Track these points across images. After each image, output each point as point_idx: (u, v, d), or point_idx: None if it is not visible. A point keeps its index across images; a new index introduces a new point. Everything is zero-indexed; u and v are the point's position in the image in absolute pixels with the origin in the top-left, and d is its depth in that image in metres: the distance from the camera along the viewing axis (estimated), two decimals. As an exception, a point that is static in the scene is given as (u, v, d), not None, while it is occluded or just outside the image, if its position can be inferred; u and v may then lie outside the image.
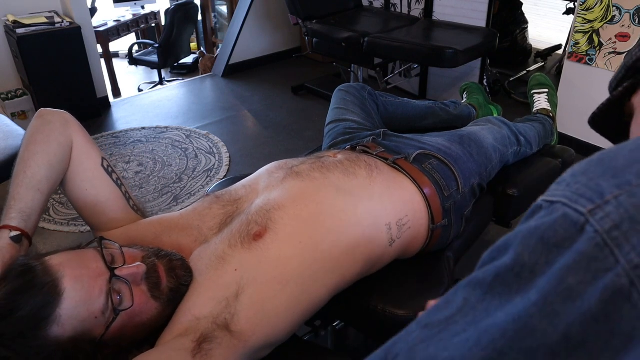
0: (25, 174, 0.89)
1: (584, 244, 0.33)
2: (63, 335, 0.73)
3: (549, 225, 0.36)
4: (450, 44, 2.41)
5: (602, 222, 0.33)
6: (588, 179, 0.36)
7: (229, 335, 0.78)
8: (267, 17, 4.03)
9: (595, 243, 0.32)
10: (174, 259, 0.87)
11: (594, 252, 0.32)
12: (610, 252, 0.32)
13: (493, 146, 1.29)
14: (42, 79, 2.96)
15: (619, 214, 0.33)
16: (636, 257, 0.31)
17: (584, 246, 0.33)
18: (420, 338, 0.39)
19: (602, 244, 0.32)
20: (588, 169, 0.37)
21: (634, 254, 0.31)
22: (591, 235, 0.33)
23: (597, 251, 0.32)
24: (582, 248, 0.33)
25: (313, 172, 1.01)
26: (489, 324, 0.36)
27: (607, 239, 0.32)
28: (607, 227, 0.33)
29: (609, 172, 0.36)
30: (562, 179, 0.38)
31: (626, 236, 0.32)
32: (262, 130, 3.14)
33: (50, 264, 0.76)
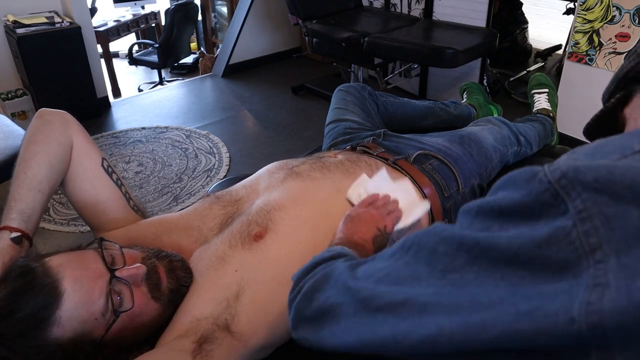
0: (26, 174, 0.89)
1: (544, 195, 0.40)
2: (63, 336, 0.73)
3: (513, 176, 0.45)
4: (450, 44, 2.41)
5: (553, 172, 0.41)
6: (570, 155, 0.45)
7: (229, 336, 0.78)
8: (267, 17, 4.03)
9: (551, 193, 0.40)
10: (174, 260, 0.86)
11: (550, 200, 0.40)
12: (562, 199, 0.39)
13: (493, 146, 1.29)
14: (42, 79, 2.95)
15: (566, 166, 0.40)
16: (580, 203, 0.38)
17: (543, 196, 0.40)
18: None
19: (555, 193, 0.40)
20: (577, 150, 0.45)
21: (579, 201, 0.38)
22: (547, 187, 0.40)
23: (552, 199, 0.40)
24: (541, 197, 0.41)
25: (313, 172, 1.01)
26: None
27: (558, 188, 0.40)
28: (556, 176, 0.40)
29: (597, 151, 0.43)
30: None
31: (572, 185, 0.39)
32: (262, 130, 3.14)
33: (50, 265, 0.76)
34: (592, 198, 0.38)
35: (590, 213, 0.38)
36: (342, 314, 0.53)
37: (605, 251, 0.37)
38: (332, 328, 0.54)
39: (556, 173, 0.40)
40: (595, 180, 0.38)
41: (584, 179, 0.39)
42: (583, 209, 0.38)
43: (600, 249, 0.37)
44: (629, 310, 0.35)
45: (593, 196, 0.38)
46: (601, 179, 0.38)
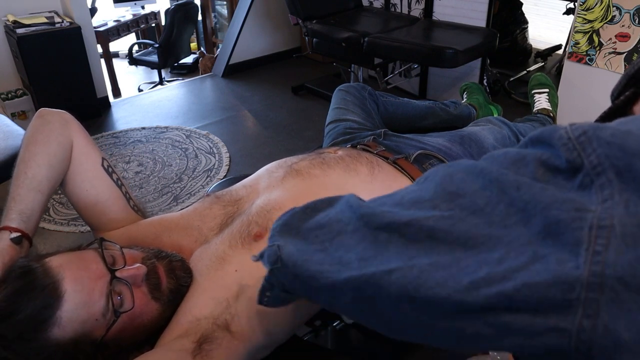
0: (26, 174, 0.89)
1: (562, 149, 0.41)
2: (63, 337, 0.73)
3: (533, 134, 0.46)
4: (450, 44, 2.41)
5: (574, 130, 0.41)
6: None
7: (230, 336, 0.78)
8: (267, 17, 4.03)
9: (568, 148, 0.41)
10: (174, 260, 0.86)
11: (568, 154, 0.41)
12: (578, 154, 0.40)
13: (493, 146, 1.29)
14: (42, 79, 2.96)
15: (588, 125, 0.41)
16: (595, 158, 0.39)
17: (562, 151, 0.41)
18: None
19: (572, 148, 0.41)
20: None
21: (594, 156, 0.39)
22: (565, 142, 0.41)
23: (569, 154, 0.41)
24: (560, 152, 0.41)
25: (313, 169, 1.00)
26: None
27: (577, 144, 0.40)
28: (577, 133, 0.41)
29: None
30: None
31: (590, 140, 0.40)
32: (262, 130, 3.14)
33: (50, 266, 0.75)
34: (605, 151, 0.38)
35: (604, 166, 0.38)
36: (341, 231, 0.49)
37: (615, 200, 0.37)
38: (324, 245, 0.49)
39: (577, 130, 0.41)
40: (611, 135, 0.39)
41: (600, 134, 0.39)
42: (597, 163, 0.38)
43: (611, 199, 0.37)
44: (631, 264, 0.34)
45: (607, 149, 0.38)
46: (617, 133, 0.39)
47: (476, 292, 0.39)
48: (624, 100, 0.57)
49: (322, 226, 0.51)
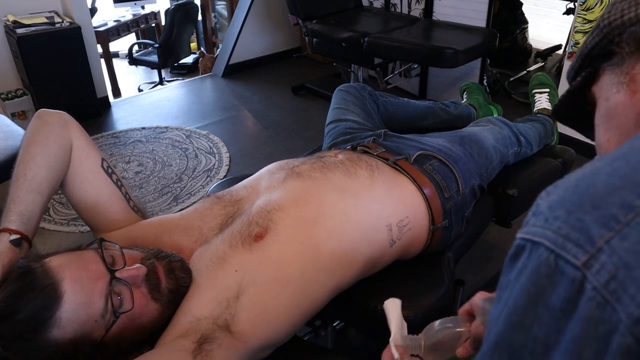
0: (25, 176, 0.88)
1: (587, 307, 0.31)
2: (63, 338, 0.73)
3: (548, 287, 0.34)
4: (450, 44, 2.41)
5: (598, 277, 0.31)
6: (567, 212, 0.34)
7: (230, 336, 0.78)
8: (267, 17, 4.03)
9: (597, 303, 0.31)
10: (173, 260, 0.86)
11: (597, 313, 0.31)
12: (612, 308, 0.30)
13: (494, 147, 1.29)
14: (42, 79, 2.95)
15: (613, 263, 0.31)
16: (636, 309, 0.30)
17: (587, 309, 0.31)
18: None
19: (602, 302, 0.31)
20: (564, 198, 0.35)
21: (634, 306, 0.30)
22: (591, 295, 0.31)
23: (600, 312, 0.31)
24: (586, 312, 0.31)
25: (314, 172, 1.01)
26: None
27: (607, 294, 0.31)
28: (603, 280, 0.31)
29: (588, 202, 0.34)
30: (540, 211, 0.36)
31: (624, 286, 0.30)
32: (262, 130, 3.14)
33: (50, 266, 0.75)
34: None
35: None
36: None
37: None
38: None
39: (603, 277, 0.31)
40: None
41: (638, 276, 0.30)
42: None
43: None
44: None
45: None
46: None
47: None
48: (580, 81, 0.54)
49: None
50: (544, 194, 0.37)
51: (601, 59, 0.50)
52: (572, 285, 0.32)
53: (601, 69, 0.50)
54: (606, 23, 0.48)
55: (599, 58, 0.50)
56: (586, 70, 0.53)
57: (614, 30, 0.47)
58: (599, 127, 0.51)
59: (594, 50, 0.51)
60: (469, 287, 1.45)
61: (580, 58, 0.54)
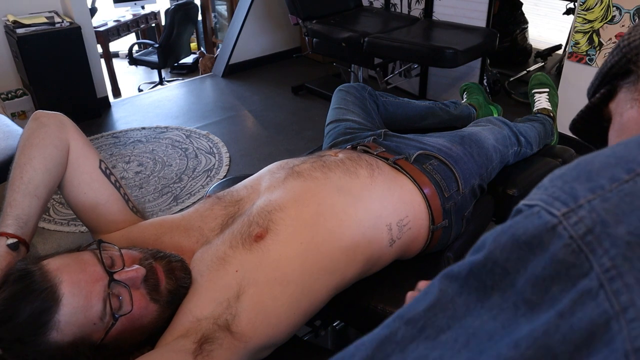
0: (22, 179, 0.87)
1: (561, 251, 0.35)
2: (62, 340, 0.73)
3: (521, 225, 0.38)
4: (450, 44, 2.41)
5: (576, 228, 0.35)
6: (563, 182, 0.38)
7: (230, 336, 0.78)
8: (267, 17, 4.03)
9: (572, 250, 0.34)
10: (173, 261, 0.86)
11: (571, 258, 0.34)
12: (586, 257, 0.34)
13: (494, 146, 1.29)
14: (42, 79, 2.95)
15: (591, 218, 0.35)
16: (608, 260, 0.33)
17: (562, 254, 0.35)
18: (409, 337, 0.40)
19: (577, 250, 0.34)
20: (564, 173, 0.39)
21: (606, 258, 0.33)
22: (567, 242, 0.35)
23: (573, 258, 0.34)
24: (560, 256, 0.35)
25: (314, 171, 1.01)
26: (474, 326, 0.38)
27: (582, 244, 0.34)
28: (581, 232, 0.34)
29: (584, 175, 0.38)
30: (542, 184, 0.40)
31: (599, 240, 0.34)
32: (262, 130, 3.14)
33: (48, 269, 0.75)
34: (622, 254, 0.33)
35: (621, 270, 0.33)
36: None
37: (638, 307, 0.32)
38: None
39: (580, 229, 0.35)
40: (628, 233, 0.33)
41: (614, 233, 0.34)
42: (612, 266, 0.33)
43: (633, 306, 0.32)
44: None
45: (624, 251, 0.33)
46: (636, 230, 0.33)
47: None
48: (599, 97, 0.57)
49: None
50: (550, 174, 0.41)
51: (619, 77, 0.54)
52: (544, 226, 0.36)
53: (619, 86, 0.54)
54: (626, 44, 0.52)
55: (617, 76, 0.54)
56: (605, 88, 0.56)
57: (633, 50, 0.51)
58: (612, 141, 0.55)
59: (613, 69, 0.55)
60: (469, 287, 1.44)
61: (600, 76, 0.58)
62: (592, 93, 0.59)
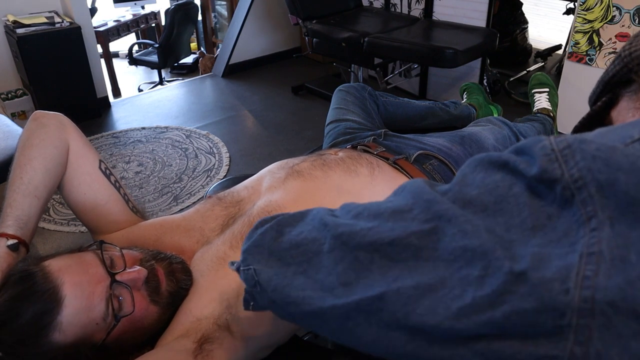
0: (22, 179, 0.87)
1: (542, 159, 0.40)
2: (64, 342, 0.73)
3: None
4: (450, 44, 2.41)
5: (558, 143, 0.41)
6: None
7: (230, 336, 0.78)
8: (267, 17, 4.03)
9: (549, 159, 0.40)
10: (174, 262, 0.86)
11: (547, 165, 0.40)
12: (559, 165, 0.39)
13: (494, 147, 1.29)
14: (42, 79, 2.95)
15: (573, 138, 0.40)
16: (577, 171, 0.38)
17: (541, 161, 0.40)
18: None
19: (554, 159, 0.40)
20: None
21: (575, 169, 0.38)
22: (548, 152, 0.40)
23: (549, 165, 0.40)
24: (539, 162, 0.40)
25: (314, 170, 1.01)
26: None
27: (559, 155, 0.40)
28: (561, 147, 0.40)
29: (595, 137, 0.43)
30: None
31: (573, 153, 0.39)
32: (262, 130, 3.14)
33: (49, 270, 0.75)
34: (588, 165, 0.38)
35: (586, 180, 0.37)
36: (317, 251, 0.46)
37: (599, 218, 0.36)
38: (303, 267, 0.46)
39: (562, 143, 0.40)
40: (596, 149, 0.38)
41: (585, 148, 0.39)
42: (579, 177, 0.38)
43: (595, 217, 0.36)
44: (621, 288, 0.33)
45: (590, 163, 0.38)
46: (602, 148, 0.38)
47: (467, 320, 0.38)
48: (601, 105, 0.59)
49: (297, 245, 0.48)
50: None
51: (620, 85, 0.56)
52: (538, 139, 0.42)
53: (620, 95, 0.56)
54: (627, 54, 0.54)
55: (619, 85, 0.56)
56: (607, 96, 0.58)
57: (634, 60, 0.53)
58: None
59: (614, 78, 0.56)
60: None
61: (602, 84, 0.59)
62: (594, 101, 0.61)
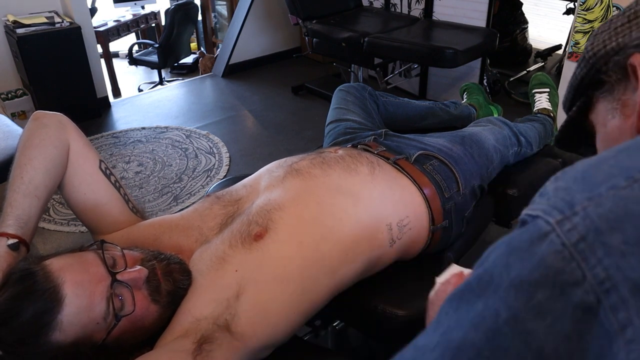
0: (22, 179, 0.87)
1: (551, 257, 0.33)
2: (64, 341, 0.73)
3: (517, 233, 0.37)
4: (450, 44, 2.41)
5: (569, 235, 0.33)
6: (566, 193, 0.37)
7: (230, 336, 0.78)
8: (267, 17, 4.03)
9: (562, 257, 0.33)
10: (172, 263, 0.86)
11: (560, 264, 0.33)
12: (577, 265, 0.32)
13: (494, 147, 1.29)
14: (42, 79, 2.95)
15: (585, 225, 0.33)
16: (602, 271, 0.31)
17: (551, 260, 0.33)
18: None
19: (568, 257, 0.33)
20: (570, 186, 0.38)
21: (600, 268, 0.31)
22: (558, 248, 0.33)
23: (563, 264, 0.33)
24: (549, 262, 0.33)
25: (313, 168, 1.00)
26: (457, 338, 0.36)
27: (574, 252, 0.33)
28: (574, 239, 0.33)
29: (587, 187, 0.36)
30: (545, 191, 0.39)
31: (592, 248, 0.32)
32: (262, 130, 3.14)
33: (50, 269, 0.75)
34: (615, 262, 0.31)
35: (615, 281, 0.31)
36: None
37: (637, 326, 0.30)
38: None
39: (573, 236, 0.33)
40: (623, 242, 0.32)
41: (607, 241, 0.32)
42: (605, 277, 0.31)
43: (631, 325, 0.30)
44: None
45: (618, 260, 0.31)
46: (630, 239, 0.31)
47: None
48: (576, 111, 0.56)
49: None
50: (553, 178, 0.40)
51: (592, 87, 0.53)
52: (537, 232, 0.35)
53: (594, 97, 0.53)
54: (591, 54, 0.51)
55: (590, 87, 0.53)
56: (580, 100, 0.56)
57: (600, 61, 0.50)
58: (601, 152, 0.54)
59: (584, 81, 0.53)
60: (469, 287, 1.44)
61: (573, 89, 0.57)
62: (569, 107, 0.59)
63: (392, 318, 0.97)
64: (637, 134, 0.46)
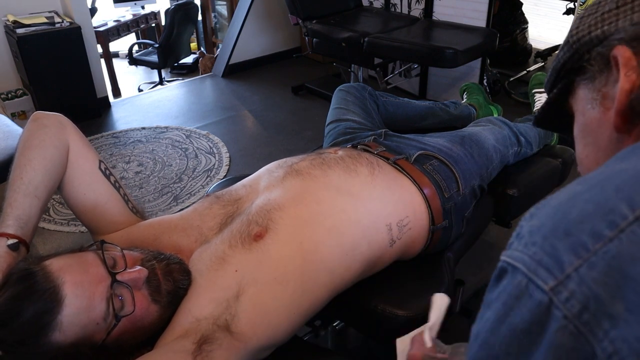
0: (22, 180, 0.88)
1: (559, 335, 0.32)
2: (64, 341, 0.73)
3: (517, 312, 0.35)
4: (450, 44, 2.41)
5: (569, 306, 0.32)
6: (543, 238, 0.36)
7: (230, 336, 0.78)
8: (267, 17, 4.03)
9: (569, 332, 0.32)
10: (172, 263, 0.86)
11: (570, 342, 0.32)
12: (586, 340, 0.31)
13: (494, 147, 1.29)
14: (42, 79, 2.95)
15: (582, 293, 0.32)
16: (609, 344, 0.30)
17: (560, 337, 0.32)
18: None
19: (575, 332, 0.32)
20: (543, 224, 0.36)
21: (607, 342, 0.30)
22: (562, 323, 0.32)
23: (572, 341, 0.32)
24: (559, 340, 0.32)
25: (313, 169, 1.00)
26: None
27: (579, 325, 0.31)
28: (575, 311, 0.32)
29: (561, 228, 0.35)
30: (522, 234, 0.38)
31: (597, 320, 0.31)
32: (262, 130, 3.14)
33: (50, 270, 0.75)
34: (621, 335, 0.30)
35: (622, 355, 0.30)
36: None
37: None
38: None
39: (574, 307, 0.32)
40: (626, 310, 0.30)
41: (612, 312, 0.31)
42: (613, 351, 0.30)
43: None
44: None
45: (623, 331, 0.30)
46: (631, 306, 0.30)
47: None
48: (557, 93, 0.55)
49: None
50: (528, 215, 0.39)
51: (574, 72, 0.51)
52: (539, 308, 0.34)
53: (575, 82, 0.52)
54: (575, 39, 0.49)
55: (572, 72, 0.51)
56: (561, 82, 0.54)
57: (584, 47, 0.48)
58: (578, 141, 0.53)
59: (566, 65, 0.52)
60: (469, 287, 1.44)
61: (555, 72, 0.55)
62: (550, 88, 0.57)
63: (392, 318, 0.97)
64: (614, 131, 0.45)
